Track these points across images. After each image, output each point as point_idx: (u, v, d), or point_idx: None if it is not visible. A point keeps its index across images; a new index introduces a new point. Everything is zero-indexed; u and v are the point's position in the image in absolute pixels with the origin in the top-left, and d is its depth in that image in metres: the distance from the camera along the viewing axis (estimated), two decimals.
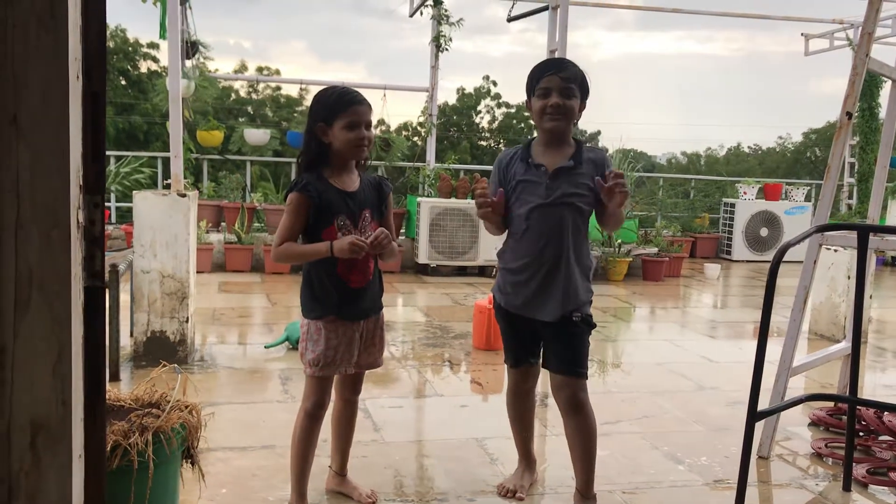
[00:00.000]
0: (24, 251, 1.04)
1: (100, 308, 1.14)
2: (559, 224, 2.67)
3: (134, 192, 4.68)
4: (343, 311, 2.66)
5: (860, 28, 9.29)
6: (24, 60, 1.01)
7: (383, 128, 14.03)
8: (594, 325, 2.79)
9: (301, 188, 2.59)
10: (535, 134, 2.83)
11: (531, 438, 3.08)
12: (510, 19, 7.70)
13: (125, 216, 9.96)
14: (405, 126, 24.27)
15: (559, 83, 2.64)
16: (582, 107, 2.73)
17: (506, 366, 2.99)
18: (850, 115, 3.44)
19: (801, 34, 11.29)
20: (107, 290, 1.32)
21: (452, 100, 34.57)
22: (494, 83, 34.78)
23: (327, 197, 2.59)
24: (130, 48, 28.31)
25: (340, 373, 2.72)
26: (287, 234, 2.61)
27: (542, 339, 2.84)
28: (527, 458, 3.08)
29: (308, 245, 2.61)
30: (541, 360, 2.91)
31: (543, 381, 3.08)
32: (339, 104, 2.57)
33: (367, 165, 2.78)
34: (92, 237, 1.12)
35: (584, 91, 2.72)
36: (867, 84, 10.56)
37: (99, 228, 1.13)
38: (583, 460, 2.79)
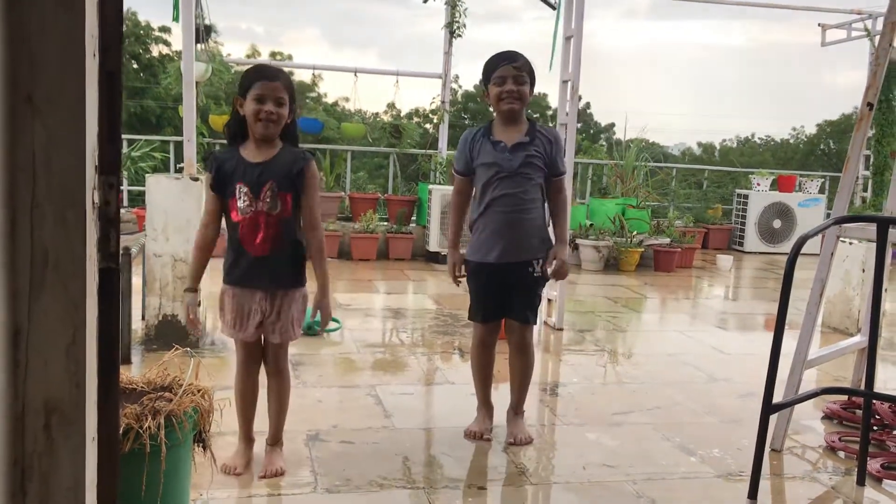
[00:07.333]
0: (39, 231, 1.02)
1: (114, 290, 1.13)
2: (520, 188, 3.15)
3: (147, 175, 4.68)
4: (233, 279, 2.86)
5: (879, 18, 9.14)
6: (41, 36, 0.99)
7: (393, 113, 13.97)
8: (548, 279, 3.29)
9: (205, 160, 2.77)
10: (494, 116, 3.30)
11: (490, 387, 3.47)
12: None
13: (135, 200, 9.98)
14: (417, 112, 24.16)
15: (513, 72, 3.15)
16: (531, 92, 3.21)
17: (473, 322, 3.39)
18: (871, 105, 3.40)
19: (819, 24, 11.16)
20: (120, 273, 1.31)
21: (467, 88, 34.38)
22: None
23: (229, 166, 2.75)
24: (142, 31, 28.29)
25: (237, 338, 2.92)
26: (206, 211, 2.85)
27: (508, 290, 3.25)
28: (486, 406, 3.45)
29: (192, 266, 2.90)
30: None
31: (550, 373, 3.05)
32: (250, 79, 2.72)
33: (291, 140, 2.90)
34: (107, 218, 1.10)
35: (533, 79, 3.23)
36: (884, 76, 10.44)
37: (114, 209, 1.11)
38: (520, 388, 3.39)
